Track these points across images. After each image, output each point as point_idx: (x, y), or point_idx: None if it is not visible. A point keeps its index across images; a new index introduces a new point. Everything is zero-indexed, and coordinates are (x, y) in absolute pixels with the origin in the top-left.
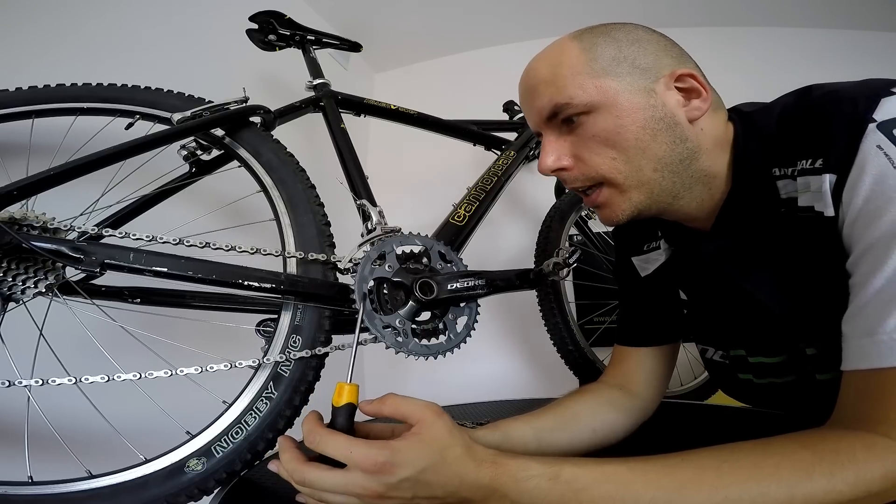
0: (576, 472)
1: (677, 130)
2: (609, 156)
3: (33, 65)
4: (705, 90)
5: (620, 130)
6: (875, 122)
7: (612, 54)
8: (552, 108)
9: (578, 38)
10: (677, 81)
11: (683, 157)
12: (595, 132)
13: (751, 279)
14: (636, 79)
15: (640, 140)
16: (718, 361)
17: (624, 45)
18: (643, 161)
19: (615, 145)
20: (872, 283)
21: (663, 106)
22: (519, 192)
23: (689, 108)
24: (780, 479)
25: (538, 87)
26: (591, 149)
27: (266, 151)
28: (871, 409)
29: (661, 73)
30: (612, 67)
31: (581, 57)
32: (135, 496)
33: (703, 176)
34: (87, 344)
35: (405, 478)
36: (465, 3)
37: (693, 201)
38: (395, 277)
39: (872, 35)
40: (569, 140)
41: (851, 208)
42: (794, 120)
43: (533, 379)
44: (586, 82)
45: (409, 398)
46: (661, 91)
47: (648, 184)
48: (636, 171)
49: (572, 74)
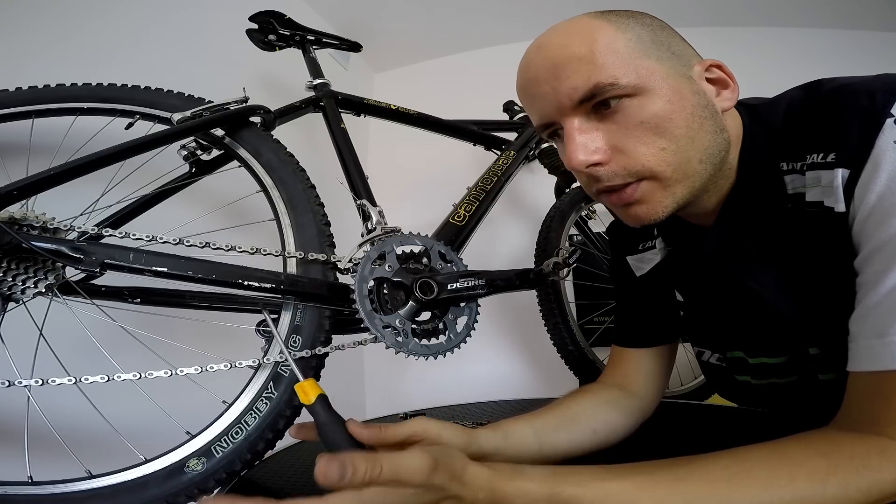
0: (576, 493)
1: (717, 120)
2: (658, 146)
3: (33, 65)
4: (733, 81)
5: (672, 116)
6: (893, 118)
7: (650, 37)
8: (591, 89)
9: (603, 17)
10: (707, 72)
11: (722, 148)
12: (644, 118)
13: (754, 276)
14: (675, 64)
15: (690, 128)
16: (715, 364)
17: (656, 30)
18: (692, 151)
19: (665, 133)
20: (884, 282)
21: (704, 94)
22: (519, 192)
23: (721, 98)
24: (796, 489)
25: (567, 65)
26: (636, 138)
27: (266, 151)
28: (882, 411)
29: (692, 61)
30: (652, 50)
31: (618, 34)
32: (135, 496)
33: (728, 169)
34: (87, 344)
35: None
36: (464, 3)
37: (715, 194)
38: (395, 277)
39: (872, 35)
40: (602, 127)
41: (864, 205)
42: (803, 113)
43: (533, 379)
44: (630, 62)
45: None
46: (697, 79)
47: (693, 177)
48: (685, 163)
49: (613, 52)
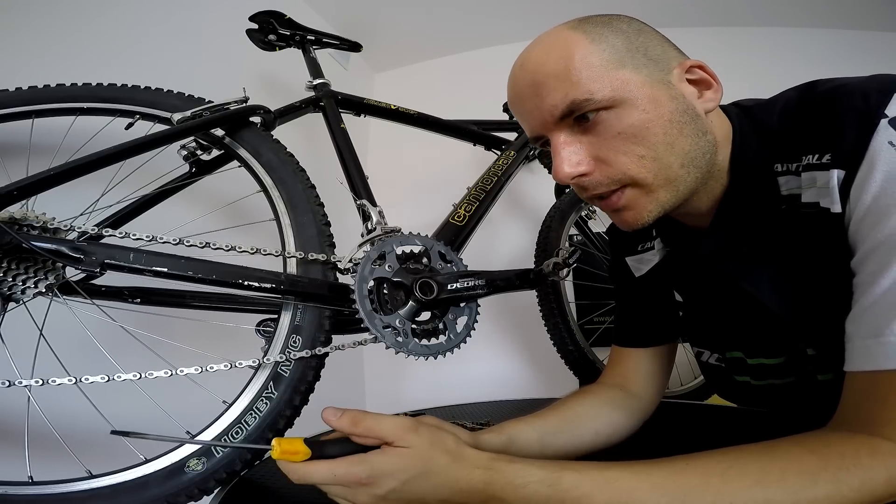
0: (577, 478)
1: (699, 123)
2: (637, 154)
3: (33, 65)
4: (715, 81)
5: (649, 125)
6: (887, 118)
7: (623, 45)
8: (568, 106)
9: (579, 28)
10: (687, 73)
11: (705, 151)
12: (621, 129)
13: (750, 278)
14: (652, 70)
15: (668, 135)
16: (714, 364)
17: (631, 35)
18: (671, 157)
19: (643, 142)
20: (880, 282)
21: (683, 98)
22: (519, 192)
23: (704, 99)
24: (786, 485)
25: (546, 83)
26: (615, 148)
27: (266, 151)
28: (876, 411)
29: (671, 64)
30: (627, 59)
31: (592, 48)
32: (135, 496)
33: (717, 171)
34: (87, 344)
35: (391, 489)
36: (465, 3)
37: (705, 196)
38: (395, 277)
39: (872, 35)
40: (584, 141)
41: (859, 205)
42: (798, 114)
43: (533, 379)
44: (605, 75)
45: (383, 417)
46: (677, 83)
47: (676, 181)
48: (665, 169)
49: (587, 67)
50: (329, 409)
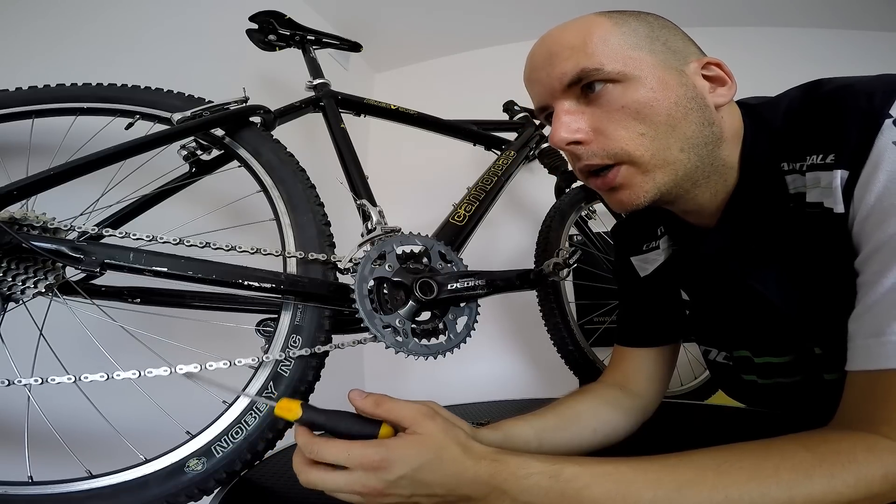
0: (577, 471)
1: (706, 112)
2: (637, 130)
3: (33, 65)
4: (731, 79)
5: (654, 104)
6: (891, 118)
7: (645, 32)
8: (577, 73)
9: (607, 15)
10: (704, 69)
11: (709, 141)
12: (625, 103)
13: (757, 276)
14: (668, 57)
15: (671, 116)
16: (721, 363)
17: (655, 27)
18: (672, 139)
19: (645, 119)
20: (882, 282)
21: (694, 87)
22: (519, 192)
23: (716, 94)
24: (780, 479)
25: (560, 53)
26: (616, 121)
27: (266, 151)
28: (876, 410)
29: (689, 58)
30: (645, 43)
31: (614, 29)
32: (135, 496)
33: (721, 166)
34: (86, 344)
35: (402, 475)
36: (464, 4)
37: (708, 191)
38: (395, 277)
39: (872, 35)
40: (588, 111)
41: (863, 206)
42: (803, 114)
43: (533, 379)
44: (620, 52)
45: (404, 402)
46: (691, 75)
47: (674, 164)
48: (663, 150)
49: (604, 42)
50: (355, 390)
